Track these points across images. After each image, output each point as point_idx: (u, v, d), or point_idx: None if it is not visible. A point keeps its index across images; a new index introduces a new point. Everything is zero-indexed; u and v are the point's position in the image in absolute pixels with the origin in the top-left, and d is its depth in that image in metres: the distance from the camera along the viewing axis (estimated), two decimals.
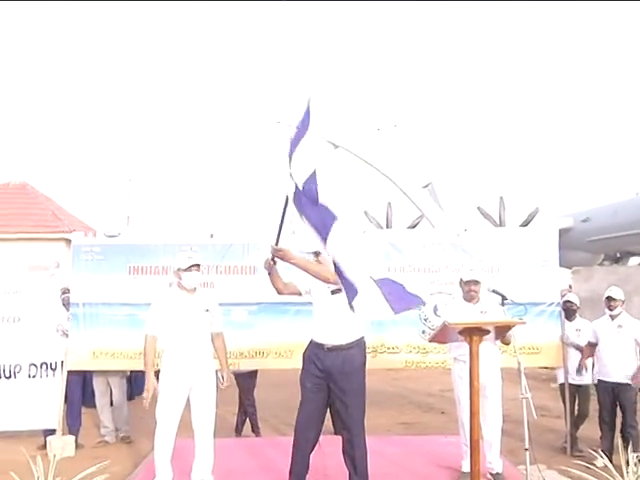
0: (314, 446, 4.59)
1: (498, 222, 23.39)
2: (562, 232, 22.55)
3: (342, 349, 4.46)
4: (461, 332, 4.55)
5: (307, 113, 4.20)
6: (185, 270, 4.85)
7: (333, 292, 4.46)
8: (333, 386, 4.48)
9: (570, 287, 13.13)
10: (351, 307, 3.96)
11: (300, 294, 4.68)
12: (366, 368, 4.63)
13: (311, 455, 4.56)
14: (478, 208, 24.56)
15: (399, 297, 4.14)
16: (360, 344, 4.56)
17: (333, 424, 6.95)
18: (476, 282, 5.12)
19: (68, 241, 7.59)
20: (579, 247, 25.44)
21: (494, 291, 4.95)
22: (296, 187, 4.15)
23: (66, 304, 6.95)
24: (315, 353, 4.51)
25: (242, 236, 6.75)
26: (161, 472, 4.73)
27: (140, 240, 6.96)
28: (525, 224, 21.93)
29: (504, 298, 4.87)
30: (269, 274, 4.57)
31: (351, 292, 3.92)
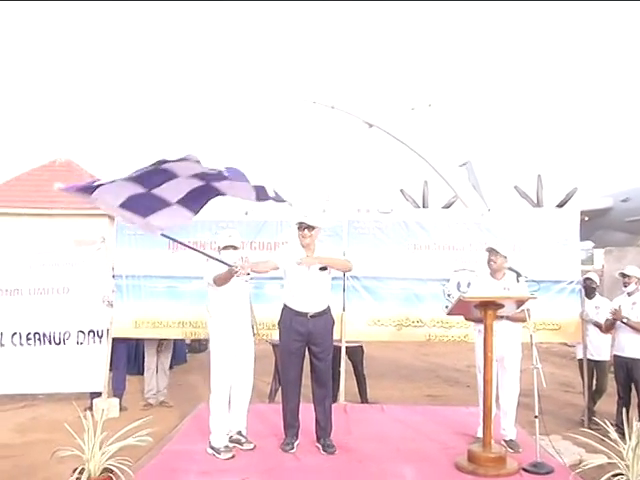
0: (299, 403, 5.24)
1: (535, 201, 23.21)
2: (601, 212, 22.35)
3: (322, 314, 5.10)
4: (477, 306, 4.84)
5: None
6: (223, 249, 5.27)
7: (321, 268, 5.04)
8: (313, 347, 5.09)
9: (603, 267, 13.20)
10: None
11: (277, 269, 5.12)
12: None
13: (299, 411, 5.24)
14: (515, 187, 24.38)
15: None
16: (330, 309, 5.25)
17: (359, 393, 7.37)
18: (496, 252, 5.29)
19: (111, 217, 8.00)
20: (618, 227, 25.08)
21: (510, 268, 5.22)
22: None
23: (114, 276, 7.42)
24: (297, 320, 5.06)
25: (275, 214, 7.06)
26: (218, 428, 5.08)
27: None
28: (563, 204, 21.70)
29: (518, 275, 5.13)
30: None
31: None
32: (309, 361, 5.18)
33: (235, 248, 5.27)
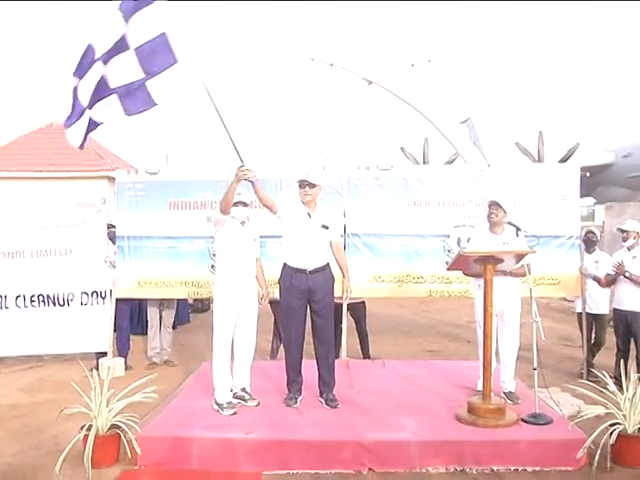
0: (302, 359, 5.33)
1: (537, 158, 23.07)
2: (602, 168, 22.20)
3: (321, 270, 5.15)
4: (476, 260, 4.87)
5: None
6: (233, 205, 5.20)
7: (323, 226, 5.12)
8: (314, 303, 5.14)
9: (603, 223, 13.23)
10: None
11: (274, 212, 5.15)
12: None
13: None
14: (516, 144, 24.19)
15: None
16: (329, 266, 5.25)
17: (361, 349, 7.46)
18: (497, 206, 5.30)
19: (111, 179, 8.01)
20: (620, 183, 24.96)
21: (509, 223, 5.23)
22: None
23: (111, 238, 7.45)
24: (297, 277, 5.10)
25: (275, 172, 7.04)
26: (221, 385, 5.14)
27: (179, 177, 7.34)
28: (565, 159, 21.55)
29: (518, 229, 5.15)
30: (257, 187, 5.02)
31: None
32: (310, 318, 5.24)
33: (245, 204, 5.26)
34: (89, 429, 4.37)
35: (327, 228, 5.16)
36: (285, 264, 5.21)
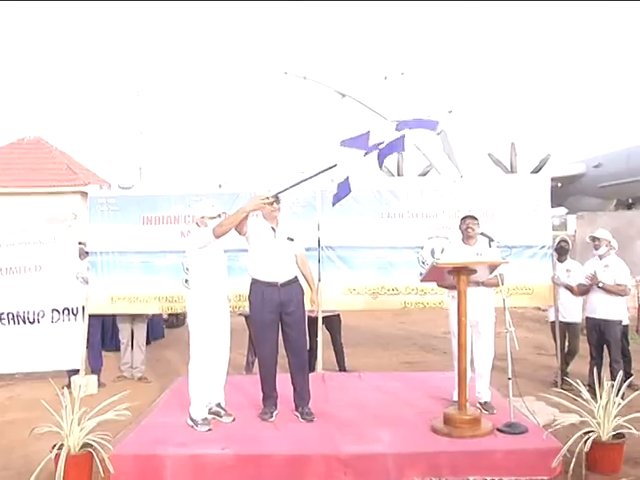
0: (276, 373, 5.30)
1: (509, 169, 23.38)
2: (573, 178, 22.49)
3: (292, 283, 5.19)
4: (450, 272, 4.89)
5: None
6: (211, 218, 5.18)
7: (289, 239, 5.18)
8: (286, 316, 5.13)
9: (575, 232, 13.40)
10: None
11: (244, 234, 5.12)
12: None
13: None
14: (489, 155, 24.54)
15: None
16: (298, 279, 5.30)
17: (337, 362, 7.44)
18: (473, 218, 5.37)
19: (83, 193, 7.92)
20: (591, 193, 25.35)
21: (482, 234, 5.28)
22: None
23: (81, 254, 7.36)
24: (269, 291, 5.10)
25: (248, 186, 7.02)
26: (197, 400, 5.07)
27: (152, 191, 7.29)
28: (536, 170, 21.86)
29: (491, 240, 5.19)
30: (247, 215, 4.96)
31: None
32: (282, 331, 5.22)
33: (220, 215, 5.24)
34: (60, 448, 4.30)
35: (292, 240, 5.20)
36: (255, 279, 5.19)
